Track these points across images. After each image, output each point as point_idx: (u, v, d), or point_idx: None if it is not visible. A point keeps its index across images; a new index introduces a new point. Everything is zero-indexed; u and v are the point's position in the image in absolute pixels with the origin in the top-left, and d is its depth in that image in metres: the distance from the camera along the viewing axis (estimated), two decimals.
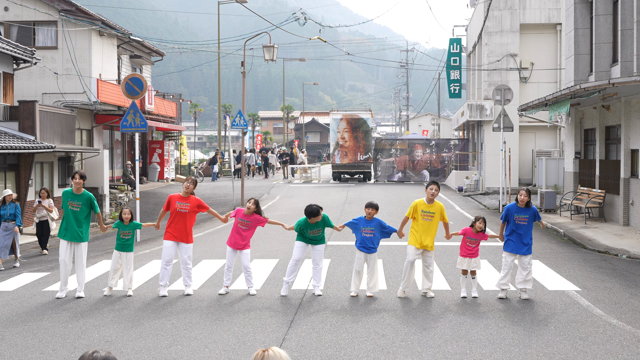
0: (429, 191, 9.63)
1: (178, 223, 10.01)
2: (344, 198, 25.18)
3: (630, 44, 16.59)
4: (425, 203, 9.68)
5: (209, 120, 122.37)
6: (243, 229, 9.96)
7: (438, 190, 9.69)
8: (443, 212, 9.77)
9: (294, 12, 30.66)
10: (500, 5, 28.97)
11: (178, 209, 10.00)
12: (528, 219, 9.60)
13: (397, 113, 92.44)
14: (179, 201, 10.04)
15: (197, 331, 8.00)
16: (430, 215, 9.63)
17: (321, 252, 9.91)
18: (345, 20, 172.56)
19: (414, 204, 9.81)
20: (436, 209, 9.67)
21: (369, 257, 9.70)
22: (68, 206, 9.93)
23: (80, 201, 9.96)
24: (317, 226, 9.79)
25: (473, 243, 9.70)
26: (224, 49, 47.46)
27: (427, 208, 9.65)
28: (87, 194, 10.05)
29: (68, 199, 9.95)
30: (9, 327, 8.33)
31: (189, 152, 51.12)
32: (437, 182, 9.85)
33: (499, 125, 21.20)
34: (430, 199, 9.65)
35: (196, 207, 10.13)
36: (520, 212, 9.64)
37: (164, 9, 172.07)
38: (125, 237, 10.11)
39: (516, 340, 7.54)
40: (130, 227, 10.18)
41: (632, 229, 16.47)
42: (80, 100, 23.82)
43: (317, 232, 9.82)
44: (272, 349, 3.19)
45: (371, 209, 9.72)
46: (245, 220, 9.96)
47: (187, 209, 10.02)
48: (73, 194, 9.97)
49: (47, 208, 15.15)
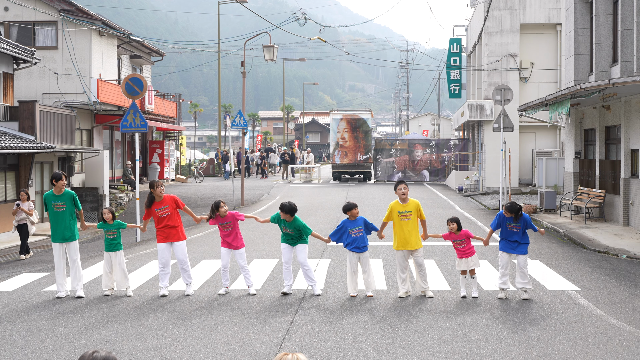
0: (399, 192, 9.60)
1: (167, 225, 10.03)
2: (344, 198, 25.18)
3: (630, 44, 16.59)
4: (400, 204, 9.64)
5: (209, 120, 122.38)
6: (227, 230, 10.01)
7: (407, 189, 9.67)
8: (420, 209, 9.68)
9: (294, 12, 30.67)
10: (500, 5, 28.97)
11: (160, 215, 10.01)
12: (520, 227, 9.57)
13: (397, 113, 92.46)
14: (156, 208, 10.04)
15: (197, 331, 8.00)
16: (408, 214, 9.58)
17: (303, 251, 9.84)
18: (345, 20, 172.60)
19: (389, 207, 9.76)
20: (412, 207, 9.62)
21: (362, 257, 9.68)
22: (53, 209, 9.92)
23: (64, 201, 9.97)
24: (289, 226, 9.76)
25: (461, 244, 9.68)
26: (224, 49, 47.46)
27: (402, 208, 9.61)
28: (69, 192, 10.06)
29: (52, 202, 9.94)
30: (9, 327, 8.33)
31: (188, 152, 51.12)
32: (404, 181, 9.81)
33: (499, 125, 21.21)
34: (403, 198, 9.61)
35: (175, 205, 10.12)
36: (511, 221, 9.60)
37: (164, 9, 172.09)
38: (110, 236, 10.11)
39: (516, 340, 7.53)
40: (114, 226, 10.17)
41: (632, 229, 16.47)
42: (80, 100, 23.82)
43: (291, 232, 9.79)
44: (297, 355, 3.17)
45: (353, 210, 9.71)
46: (225, 222, 10.00)
47: (169, 211, 10.02)
48: (55, 196, 9.96)
49: (26, 211, 14.63)
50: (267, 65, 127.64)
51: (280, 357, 3.17)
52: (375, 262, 12.17)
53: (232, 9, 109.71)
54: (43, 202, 10.14)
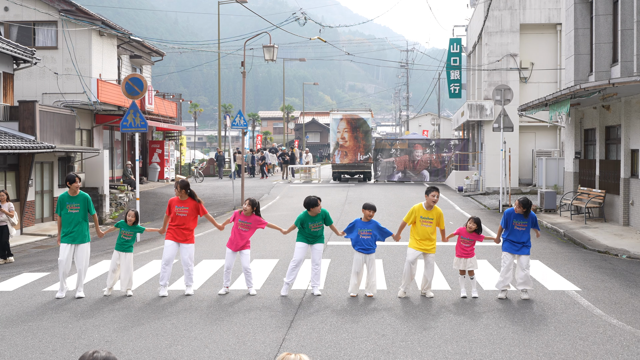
0: (430, 198, 9.55)
1: (179, 224, 10.03)
2: (344, 198, 25.18)
3: (630, 44, 16.59)
4: (425, 209, 9.64)
5: (209, 120, 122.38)
6: (243, 230, 9.95)
7: (439, 197, 9.67)
8: (441, 219, 9.72)
9: (294, 12, 30.67)
10: (500, 5, 28.97)
11: (177, 213, 10.03)
12: (527, 225, 9.60)
13: (397, 113, 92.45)
14: (177, 205, 10.06)
15: (197, 331, 8.00)
16: (429, 221, 9.60)
17: (320, 251, 9.89)
18: (345, 20, 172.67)
19: (412, 209, 9.76)
20: (435, 215, 9.64)
21: (368, 258, 9.68)
22: (67, 210, 9.93)
23: (78, 202, 9.98)
24: (318, 219, 9.77)
25: (467, 243, 9.69)
26: (224, 49, 47.48)
27: (426, 214, 9.62)
28: (84, 195, 10.08)
29: (66, 203, 9.95)
30: (9, 327, 8.33)
31: (188, 152, 51.13)
32: (437, 189, 9.76)
33: (499, 125, 21.21)
34: (431, 205, 9.61)
35: (195, 210, 10.14)
36: (519, 218, 9.62)
37: (164, 9, 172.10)
38: (126, 237, 10.09)
39: (516, 340, 7.53)
40: (133, 229, 10.17)
41: (632, 229, 16.47)
42: (80, 100, 23.82)
43: (318, 226, 9.79)
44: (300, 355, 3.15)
45: (370, 211, 9.70)
46: (246, 222, 9.95)
47: (186, 213, 10.03)
48: (70, 197, 9.97)
49: (7, 213, 14.06)
50: (267, 65, 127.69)
51: (283, 356, 3.15)
52: (376, 262, 12.16)
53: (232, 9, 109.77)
54: (57, 203, 10.13)
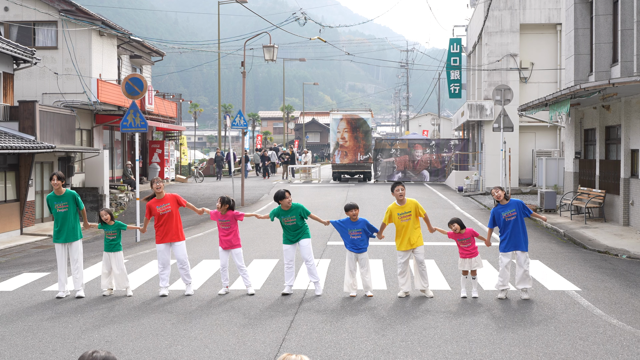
0: (396, 193, 9.60)
1: (165, 224, 10.04)
2: (344, 198, 25.18)
3: (630, 44, 16.59)
4: (398, 205, 9.66)
5: (209, 120, 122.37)
6: (225, 228, 10.02)
7: (404, 190, 9.66)
8: (418, 207, 9.69)
9: (294, 12, 30.68)
10: (500, 5, 28.97)
11: (161, 212, 10.02)
12: (516, 212, 9.55)
13: (397, 113, 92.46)
14: (157, 205, 10.05)
15: (197, 331, 8.00)
16: (407, 215, 9.60)
17: (307, 247, 9.85)
18: (345, 20, 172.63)
19: (387, 209, 9.80)
20: (410, 207, 9.63)
21: (360, 256, 9.70)
22: (57, 209, 9.97)
23: (66, 201, 10.00)
24: (291, 213, 9.77)
25: (465, 243, 9.68)
26: (224, 49, 47.49)
27: (401, 210, 9.63)
28: (70, 192, 10.10)
29: (54, 203, 10.00)
30: (9, 327, 8.34)
31: (189, 152, 51.11)
32: (401, 182, 9.82)
33: (499, 125, 21.21)
34: (400, 199, 9.63)
35: (176, 203, 10.15)
36: (506, 208, 9.61)
37: (164, 9, 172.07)
38: (110, 237, 10.12)
39: (516, 340, 7.53)
40: (114, 227, 10.17)
41: (632, 229, 16.47)
42: (80, 100, 23.82)
43: (291, 220, 9.78)
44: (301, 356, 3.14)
45: (354, 210, 9.72)
46: (224, 220, 10.01)
47: (170, 209, 10.03)
48: (57, 197, 10.02)
49: None
50: (267, 65, 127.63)
51: (284, 357, 3.13)
52: (375, 262, 12.18)
53: (232, 9, 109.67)
54: (47, 204, 10.16)
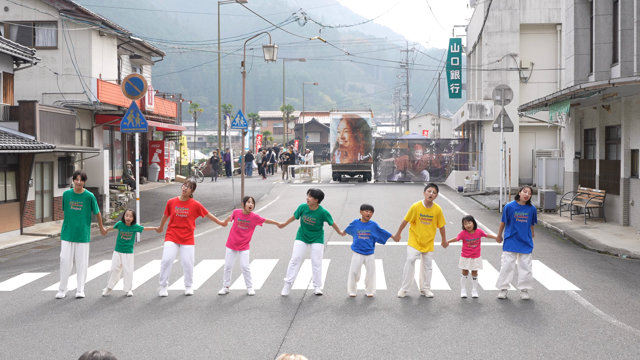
0: (427, 193, 9.59)
1: (178, 225, 10.02)
2: (344, 198, 25.18)
3: (630, 44, 16.59)
4: (424, 206, 9.66)
5: (209, 120, 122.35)
6: (243, 229, 9.95)
7: (436, 193, 9.64)
8: (440, 216, 9.72)
9: (294, 12, 30.67)
10: (500, 5, 28.97)
11: (177, 214, 10.01)
12: (528, 217, 9.60)
13: (397, 113, 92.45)
14: (177, 206, 10.05)
15: (197, 331, 8.00)
16: (429, 218, 9.62)
17: (319, 252, 9.85)
18: (345, 20, 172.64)
19: (412, 207, 9.78)
20: (434, 213, 9.65)
21: (367, 259, 9.66)
22: (70, 206, 9.97)
23: (82, 201, 10.00)
24: (314, 215, 9.77)
25: (473, 244, 9.70)
26: (224, 49, 47.49)
27: (425, 212, 9.63)
28: (88, 194, 10.09)
29: (70, 199, 9.99)
30: (9, 327, 8.33)
31: (189, 152, 51.13)
32: (435, 185, 9.80)
33: (499, 125, 21.20)
34: (429, 201, 9.62)
35: (195, 212, 10.13)
36: (521, 210, 9.64)
37: (164, 9, 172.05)
38: (125, 238, 10.09)
39: (516, 340, 7.53)
40: (132, 229, 10.16)
41: (632, 229, 16.47)
42: (80, 100, 23.82)
43: (311, 221, 9.76)
44: (300, 356, 3.13)
45: (368, 212, 9.69)
46: (245, 220, 9.96)
47: (187, 214, 10.02)
48: (74, 194, 10.02)
49: None
50: (267, 65, 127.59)
51: (283, 357, 3.13)
52: (376, 262, 12.15)
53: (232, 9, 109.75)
54: (62, 199, 10.16)
